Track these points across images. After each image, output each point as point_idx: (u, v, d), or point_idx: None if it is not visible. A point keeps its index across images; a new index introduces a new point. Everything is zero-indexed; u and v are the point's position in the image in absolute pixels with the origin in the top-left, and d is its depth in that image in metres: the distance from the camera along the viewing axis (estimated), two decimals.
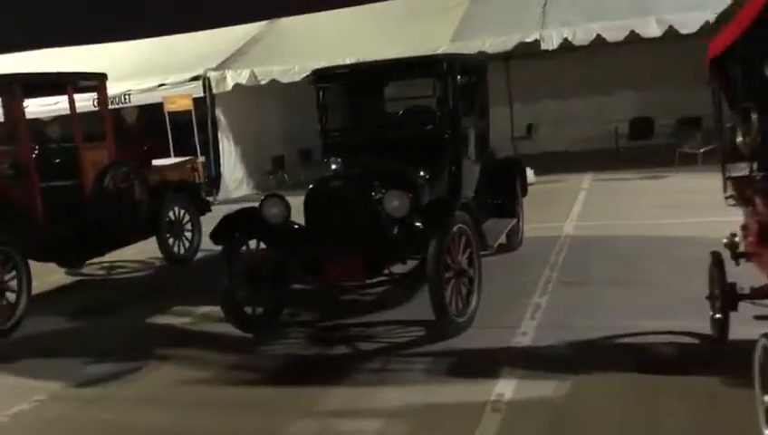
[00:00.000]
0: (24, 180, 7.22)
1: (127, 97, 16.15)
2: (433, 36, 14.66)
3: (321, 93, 6.83)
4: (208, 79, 15.50)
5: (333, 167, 5.71)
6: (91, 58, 17.53)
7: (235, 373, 5.32)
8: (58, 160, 8.04)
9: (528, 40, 13.58)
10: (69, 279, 9.12)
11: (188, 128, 15.88)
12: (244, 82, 15.32)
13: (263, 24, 18.57)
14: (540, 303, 6.17)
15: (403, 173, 6.09)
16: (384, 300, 6.69)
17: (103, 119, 8.43)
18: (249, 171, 16.58)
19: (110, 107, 15.70)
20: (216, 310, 6.98)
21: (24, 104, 11.04)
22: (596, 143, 17.50)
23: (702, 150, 13.50)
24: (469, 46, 13.58)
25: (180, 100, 15.49)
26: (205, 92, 15.54)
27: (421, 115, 6.75)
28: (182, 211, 9.44)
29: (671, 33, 12.92)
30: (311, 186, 5.89)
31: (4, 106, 8.69)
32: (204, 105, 15.70)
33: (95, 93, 8.66)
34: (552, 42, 13.42)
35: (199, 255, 9.71)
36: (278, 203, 5.86)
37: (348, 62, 14.85)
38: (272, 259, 6.11)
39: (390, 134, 6.63)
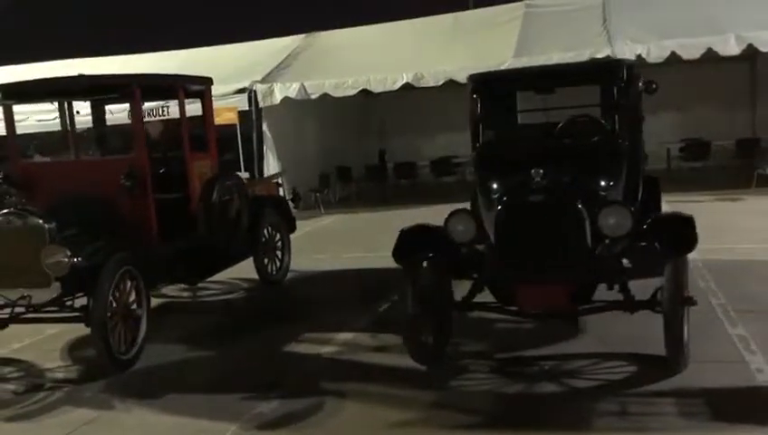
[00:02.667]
0: (139, 192, 6.48)
1: (165, 109, 15.37)
2: (494, 50, 14.18)
3: (478, 100, 6.18)
4: (255, 92, 14.81)
5: (536, 179, 5.04)
6: (126, 69, 16.74)
7: (441, 414, 4.65)
8: (162, 171, 7.30)
9: (599, 56, 13.09)
10: (153, 302, 8.33)
11: (221, 143, 15.14)
12: (293, 95, 14.67)
13: (301, 36, 17.96)
14: (742, 334, 5.58)
15: (590, 188, 5.47)
16: (543, 330, 6.04)
17: (207, 127, 7.73)
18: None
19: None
20: (358, 337, 6.39)
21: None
22: None
23: None
24: (536, 61, 13.03)
25: (225, 113, 14.72)
26: (250, 106, 14.85)
27: (591, 124, 6.14)
28: (273, 229, 8.73)
29: (750, 51, 12.58)
30: (499, 204, 5.20)
31: (93, 111, 7.94)
32: (247, 119, 15.01)
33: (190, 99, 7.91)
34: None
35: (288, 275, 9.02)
36: (466, 219, 5.22)
37: (405, 76, 14.40)
38: (444, 282, 5.45)
39: (558, 145, 6.00)
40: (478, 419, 4.55)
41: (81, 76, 6.51)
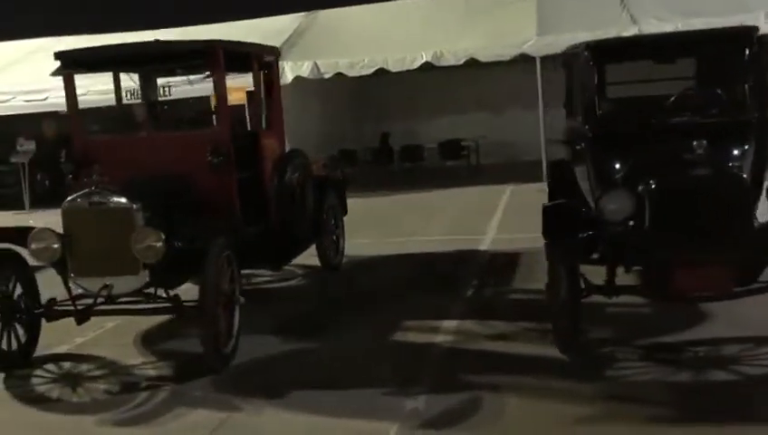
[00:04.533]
0: (224, 170, 5.92)
1: (167, 90, 14.60)
2: (513, 28, 13.86)
3: (595, 70, 5.76)
4: None
5: (698, 152, 4.66)
6: None
7: (619, 406, 4.27)
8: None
9: (625, 34, 12.82)
10: None
11: None
12: (305, 74, 14.10)
13: (301, 15, 17.33)
14: None
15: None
16: (665, 313, 5.71)
17: (272, 102, 7.16)
18: None
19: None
20: (465, 325, 5.99)
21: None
22: None
23: None
24: (561, 39, 12.72)
25: (234, 92, 14.03)
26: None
27: (709, 97, 5.80)
28: (332, 212, 8.21)
29: None
30: (653, 180, 4.77)
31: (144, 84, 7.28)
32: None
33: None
34: None
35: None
36: (623, 196, 4.81)
37: (424, 55, 13.94)
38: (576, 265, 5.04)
39: (680, 120, 5.62)
40: (665, 411, 4.16)
41: (157, 41, 5.90)
